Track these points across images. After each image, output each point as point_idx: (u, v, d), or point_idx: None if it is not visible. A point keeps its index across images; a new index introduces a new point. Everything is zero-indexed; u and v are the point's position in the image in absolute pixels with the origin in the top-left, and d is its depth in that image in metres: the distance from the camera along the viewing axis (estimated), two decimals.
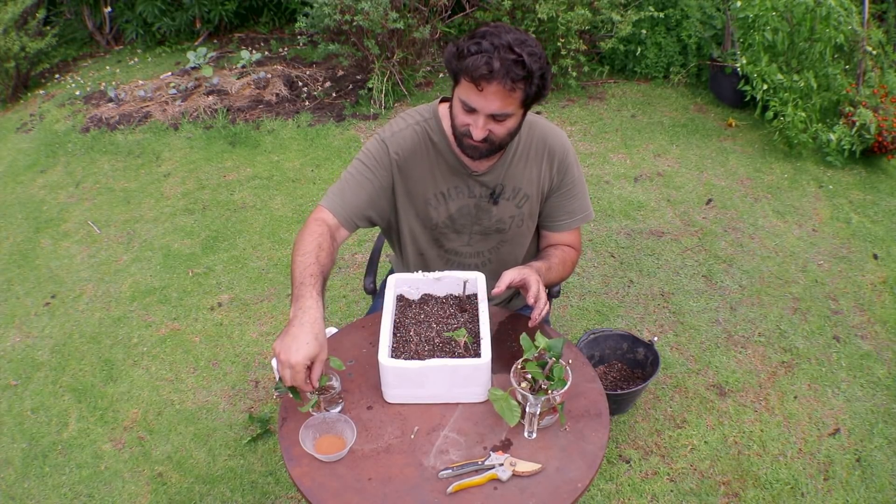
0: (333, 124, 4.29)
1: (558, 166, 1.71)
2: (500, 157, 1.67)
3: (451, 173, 1.68)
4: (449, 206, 1.71)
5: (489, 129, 1.50)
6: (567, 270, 1.77)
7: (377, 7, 3.91)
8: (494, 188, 1.69)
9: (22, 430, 2.51)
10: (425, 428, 1.44)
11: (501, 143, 1.56)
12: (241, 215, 3.55)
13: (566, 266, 1.76)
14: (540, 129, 1.70)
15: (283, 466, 2.28)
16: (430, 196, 1.70)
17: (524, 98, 1.48)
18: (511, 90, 1.43)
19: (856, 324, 2.76)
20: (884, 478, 2.19)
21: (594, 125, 4.17)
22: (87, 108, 4.66)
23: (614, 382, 2.44)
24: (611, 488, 2.19)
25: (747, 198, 3.50)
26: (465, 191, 1.70)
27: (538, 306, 1.54)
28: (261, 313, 2.94)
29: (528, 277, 1.55)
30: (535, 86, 1.47)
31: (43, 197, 3.85)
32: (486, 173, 1.68)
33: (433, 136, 1.66)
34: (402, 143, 1.66)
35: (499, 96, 1.44)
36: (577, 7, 4.01)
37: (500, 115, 1.48)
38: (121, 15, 5.50)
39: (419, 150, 1.66)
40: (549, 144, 1.70)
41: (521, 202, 1.72)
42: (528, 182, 1.70)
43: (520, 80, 1.43)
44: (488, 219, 1.74)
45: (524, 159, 1.69)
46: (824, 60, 3.64)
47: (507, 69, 1.40)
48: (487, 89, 1.43)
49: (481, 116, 1.48)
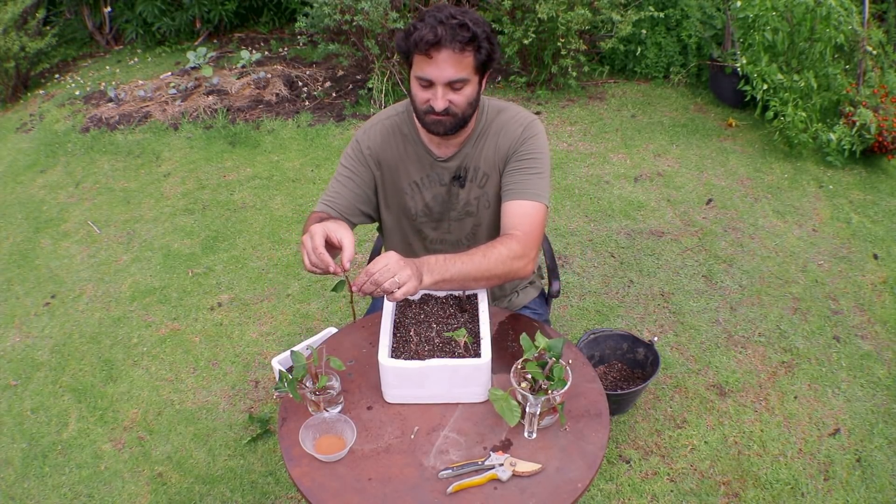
0: (333, 124, 4.29)
1: (516, 138, 1.69)
2: (463, 141, 1.69)
3: (420, 163, 1.73)
4: (424, 195, 1.75)
5: (449, 100, 1.54)
6: (490, 263, 1.54)
7: (377, 7, 3.91)
8: (458, 172, 1.72)
9: (22, 430, 2.51)
10: (425, 428, 1.44)
11: (464, 114, 1.58)
12: (241, 215, 3.55)
13: (488, 258, 1.54)
14: (507, 111, 1.72)
15: (283, 466, 2.28)
16: (405, 186, 1.75)
17: (476, 63, 1.52)
18: (461, 53, 1.49)
19: (856, 324, 2.76)
20: (884, 478, 2.19)
21: (594, 125, 4.17)
22: (87, 108, 4.66)
23: (614, 382, 2.44)
24: (611, 488, 2.18)
25: (747, 198, 3.50)
26: (435, 179, 1.74)
27: (364, 277, 1.41)
28: (261, 313, 2.94)
29: (379, 261, 1.42)
30: (485, 50, 1.52)
31: (43, 197, 3.85)
32: (450, 159, 1.71)
33: (403, 128, 1.72)
34: (372, 137, 1.73)
35: (450, 62, 1.49)
36: (577, 7, 4.01)
37: (455, 80, 1.51)
38: (121, 15, 5.50)
39: (390, 143, 1.72)
40: (508, 120, 1.70)
41: (482, 182, 1.73)
42: (486, 160, 1.71)
43: (467, 44, 1.48)
44: (458, 203, 1.76)
45: (483, 138, 1.71)
46: (824, 60, 3.64)
47: (452, 33, 1.47)
48: (438, 57, 1.49)
49: (439, 87, 1.52)
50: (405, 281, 1.39)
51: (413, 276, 1.40)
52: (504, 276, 1.58)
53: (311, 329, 2.82)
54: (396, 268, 1.39)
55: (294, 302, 2.98)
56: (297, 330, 2.84)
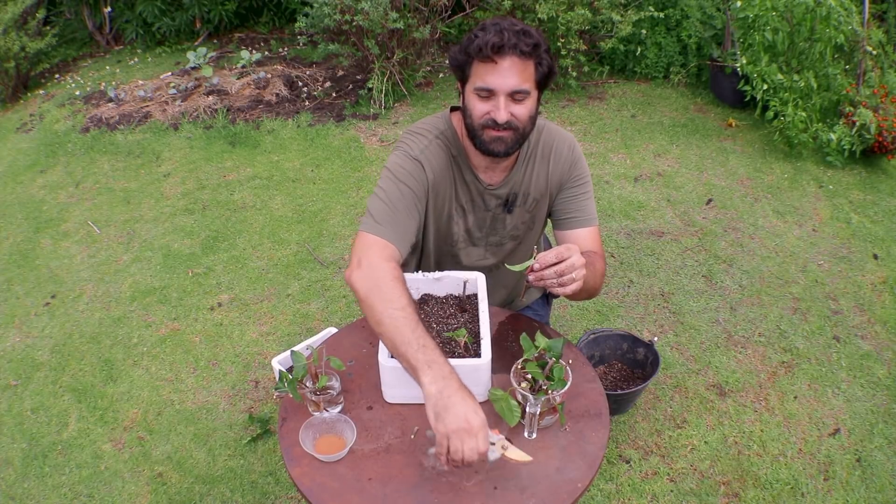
0: (333, 124, 4.29)
1: (567, 162, 1.67)
2: (511, 166, 1.65)
3: (467, 188, 1.65)
4: (467, 219, 1.70)
5: (511, 113, 1.46)
6: (597, 276, 1.55)
7: (377, 7, 3.91)
8: (507, 198, 1.68)
9: (22, 430, 2.51)
10: (425, 428, 1.44)
11: (525, 131, 1.51)
12: (241, 215, 3.55)
13: (596, 271, 1.55)
14: (547, 131, 1.69)
15: (283, 466, 2.28)
16: (452, 211, 1.67)
17: (538, 76, 1.46)
18: (524, 61, 1.42)
19: (856, 324, 2.76)
20: (884, 478, 2.19)
21: (594, 125, 4.17)
22: (87, 108, 4.66)
23: (614, 382, 2.44)
24: (611, 488, 2.18)
25: (747, 198, 3.50)
26: (481, 205, 1.68)
27: (550, 270, 1.34)
28: (261, 313, 2.94)
29: (573, 248, 1.37)
30: (546, 63, 1.46)
31: (43, 197, 3.85)
32: (500, 186, 1.66)
33: (452, 149, 1.63)
34: (433, 160, 1.60)
35: (515, 70, 1.42)
36: (577, 7, 4.01)
37: (519, 91, 1.44)
38: (121, 15, 5.50)
39: (444, 164, 1.62)
40: (555, 143, 1.68)
41: (531, 206, 1.71)
42: (536, 186, 1.68)
43: (531, 51, 1.42)
44: (503, 228, 1.73)
45: (532, 162, 1.67)
46: (824, 60, 3.64)
47: (517, 38, 1.40)
48: (502, 63, 1.42)
49: (501, 97, 1.45)
50: (578, 280, 1.35)
51: (583, 278, 1.37)
52: (594, 291, 1.58)
53: (311, 329, 2.82)
54: (579, 264, 1.34)
55: (294, 302, 2.98)
56: (297, 330, 2.84)
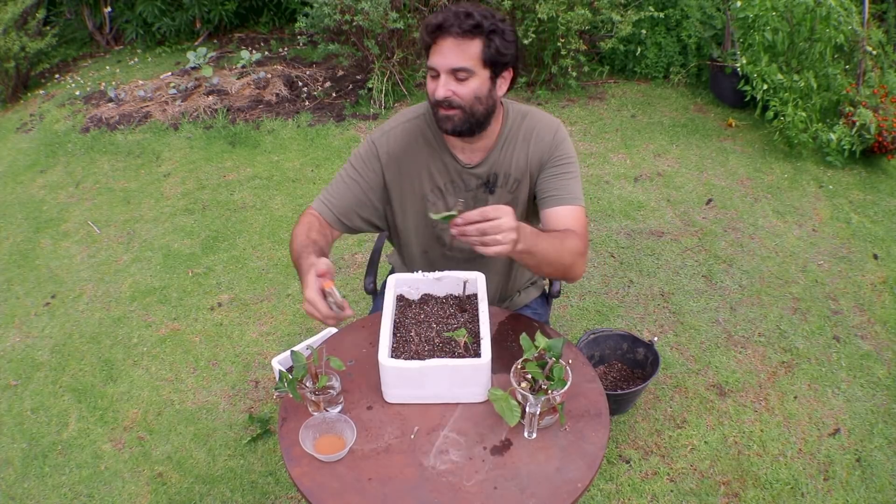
0: (333, 124, 4.29)
1: (548, 142, 1.68)
2: (490, 146, 1.68)
3: (446, 169, 1.69)
4: (447, 200, 1.71)
5: (451, 90, 1.51)
6: (564, 251, 1.53)
7: (377, 7, 3.91)
8: (488, 178, 1.70)
9: (22, 430, 2.51)
10: (425, 428, 1.44)
11: (471, 109, 1.54)
12: (241, 215, 3.55)
13: (564, 245, 1.54)
14: (531, 116, 1.71)
15: (283, 466, 2.28)
16: (428, 192, 1.71)
17: (484, 57, 1.51)
18: (466, 40, 1.49)
19: (856, 324, 2.76)
20: (884, 478, 2.19)
21: (594, 125, 4.17)
22: (87, 108, 4.66)
23: (614, 382, 2.44)
24: (611, 488, 2.18)
25: (747, 198, 3.50)
26: (461, 185, 1.71)
27: (473, 227, 1.32)
28: (261, 313, 2.94)
29: (498, 208, 1.34)
30: (494, 44, 1.50)
31: (43, 197, 3.85)
32: (478, 165, 1.69)
33: (427, 131, 1.68)
34: (392, 141, 1.68)
35: (453, 49, 1.49)
36: (577, 7, 4.01)
37: (458, 69, 1.50)
38: (121, 15, 5.50)
39: (412, 147, 1.68)
40: (537, 125, 1.69)
41: (513, 187, 1.72)
42: (517, 166, 1.69)
43: (470, 31, 1.48)
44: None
45: (512, 144, 1.69)
46: (824, 60, 3.64)
47: (456, 21, 1.48)
48: (443, 43, 1.50)
49: (442, 75, 1.52)
50: (505, 243, 1.33)
51: (512, 242, 1.34)
52: (568, 269, 1.55)
53: (311, 329, 2.82)
54: (506, 227, 1.32)
55: (294, 302, 2.98)
56: (297, 330, 2.84)
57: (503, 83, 1.59)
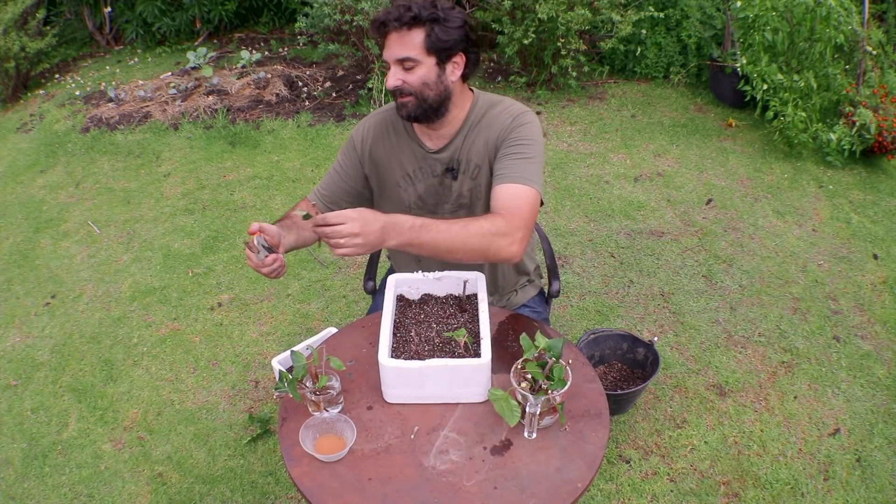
0: (333, 124, 4.29)
1: (506, 126, 1.68)
2: (454, 133, 1.72)
3: (413, 155, 1.76)
4: (417, 187, 1.78)
5: (401, 79, 1.60)
6: (467, 235, 1.51)
7: (377, 7, 3.91)
8: (451, 164, 1.74)
9: (22, 430, 2.51)
10: (425, 428, 1.44)
11: (422, 95, 1.61)
12: (241, 215, 3.55)
13: (467, 230, 1.51)
14: (501, 104, 1.73)
15: (283, 466, 2.28)
16: (399, 178, 1.78)
17: (427, 45, 1.57)
18: (408, 31, 1.57)
19: (856, 324, 2.76)
20: (884, 478, 2.19)
21: (594, 125, 4.17)
22: (87, 108, 4.66)
23: (614, 382, 2.44)
24: (611, 488, 2.18)
25: (747, 198, 3.50)
26: (428, 170, 1.76)
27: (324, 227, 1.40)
28: (261, 313, 2.94)
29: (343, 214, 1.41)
30: (435, 32, 1.57)
31: (43, 197, 3.85)
32: (442, 150, 1.74)
33: (397, 121, 1.77)
34: (364, 133, 1.81)
35: (397, 42, 1.58)
36: (577, 7, 4.01)
37: (403, 59, 1.58)
38: (121, 15, 5.51)
39: (382, 137, 1.79)
40: (499, 112, 1.71)
41: (474, 173, 1.74)
42: (477, 152, 1.72)
43: (409, 23, 1.56)
44: (451, 195, 1.78)
45: (475, 131, 1.72)
46: (824, 60, 3.64)
47: (396, 15, 1.56)
48: (390, 37, 1.59)
49: (392, 66, 1.61)
50: (349, 246, 1.39)
51: (365, 245, 1.40)
52: (483, 252, 1.53)
53: (311, 329, 2.82)
54: (346, 232, 1.38)
55: (294, 302, 2.98)
56: (297, 330, 2.84)
57: (455, 68, 1.64)
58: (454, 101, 1.67)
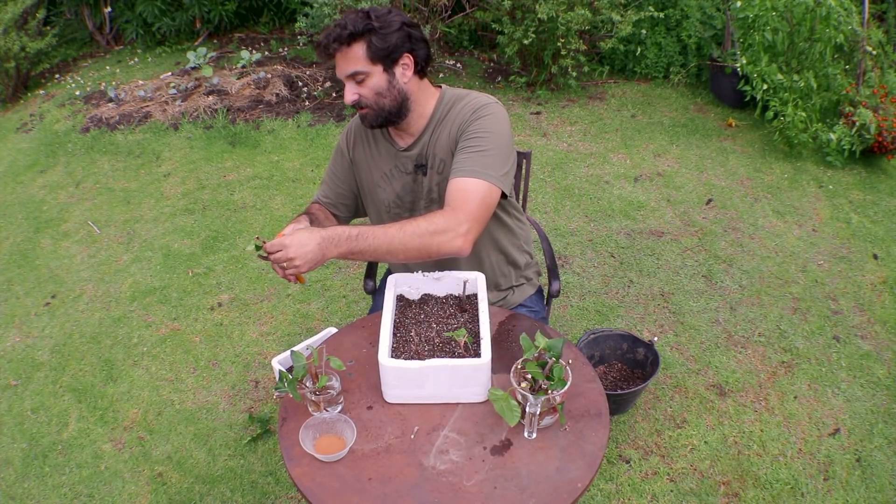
0: (333, 124, 4.29)
1: (466, 119, 1.69)
2: (422, 130, 1.75)
3: (388, 155, 1.81)
4: (394, 185, 1.82)
5: (356, 93, 1.65)
6: (405, 236, 1.54)
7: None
8: (419, 161, 1.77)
9: (22, 430, 2.51)
10: (425, 428, 1.44)
11: (378, 104, 1.66)
12: (241, 215, 3.55)
13: (403, 231, 1.54)
14: (466, 98, 1.74)
15: (283, 466, 2.28)
16: (378, 179, 1.83)
17: (370, 55, 1.61)
18: (348, 48, 1.61)
19: (856, 324, 2.76)
20: (884, 478, 2.19)
21: (594, 125, 4.17)
22: (87, 108, 4.66)
23: (614, 382, 2.44)
24: (611, 488, 2.19)
25: (747, 198, 3.50)
26: (401, 168, 1.80)
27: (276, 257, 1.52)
28: (261, 313, 2.94)
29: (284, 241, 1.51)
30: (374, 41, 1.60)
31: (43, 197, 3.85)
32: (411, 147, 1.77)
33: None
34: (347, 137, 1.88)
35: (342, 59, 1.63)
36: (577, 7, 4.01)
37: (352, 73, 1.63)
38: (121, 15, 5.50)
39: (360, 140, 1.86)
40: (463, 106, 1.72)
41: (440, 168, 1.76)
42: (441, 147, 1.73)
43: (346, 41, 1.60)
44: (423, 191, 1.80)
45: (441, 126, 1.74)
46: (824, 60, 3.64)
47: (334, 38, 1.61)
48: (336, 60, 1.65)
49: (346, 83, 1.66)
50: (292, 267, 1.51)
51: (306, 265, 1.50)
52: (424, 251, 1.55)
53: (311, 329, 2.82)
54: (283, 258, 1.50)
55: (294, 302, 2.98)
56: (297, 330, 2.84)
57: (405, 69, 1.66)
58: (415, 101, 1.70)
